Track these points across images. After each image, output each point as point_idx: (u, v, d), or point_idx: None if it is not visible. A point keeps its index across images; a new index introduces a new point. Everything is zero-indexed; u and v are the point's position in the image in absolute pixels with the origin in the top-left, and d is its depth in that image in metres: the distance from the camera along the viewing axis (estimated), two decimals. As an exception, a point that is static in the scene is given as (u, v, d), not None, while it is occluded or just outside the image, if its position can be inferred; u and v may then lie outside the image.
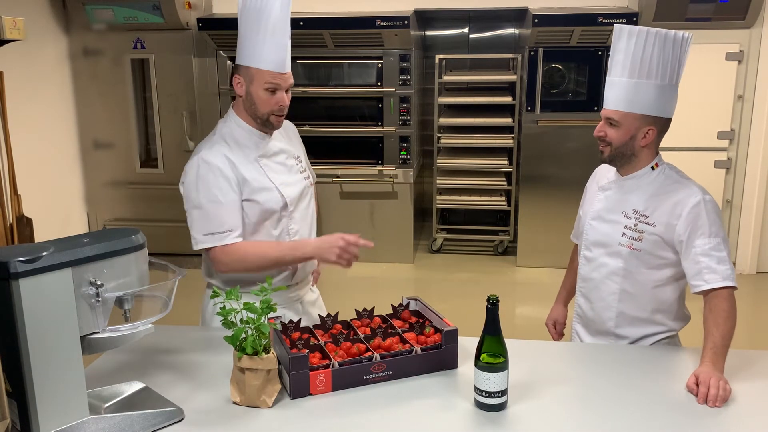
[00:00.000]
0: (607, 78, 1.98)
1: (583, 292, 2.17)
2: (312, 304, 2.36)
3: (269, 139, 2.14)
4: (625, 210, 2.02)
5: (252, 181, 2.06)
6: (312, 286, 2.41)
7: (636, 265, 2.01)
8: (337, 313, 2.00)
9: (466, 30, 6.10)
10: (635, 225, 1.99)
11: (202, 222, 2.03)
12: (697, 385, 1.72)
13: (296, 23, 5.05)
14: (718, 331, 1.82)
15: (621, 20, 4.81)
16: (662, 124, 1.98)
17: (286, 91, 2.07)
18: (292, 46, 2.07)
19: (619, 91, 1.93)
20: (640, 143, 1.96)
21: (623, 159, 2.00)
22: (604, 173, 2.15)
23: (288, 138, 2.26)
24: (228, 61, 5.31)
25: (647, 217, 1.98)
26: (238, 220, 2.04)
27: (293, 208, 2.15)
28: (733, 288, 1.88)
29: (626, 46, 1.92)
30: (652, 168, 2.01)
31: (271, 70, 2.01)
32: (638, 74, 1.91)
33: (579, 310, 2.21)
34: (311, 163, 2.39)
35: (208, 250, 2.05)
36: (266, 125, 2.09)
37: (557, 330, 2.41)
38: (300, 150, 2.30)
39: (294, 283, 2.22)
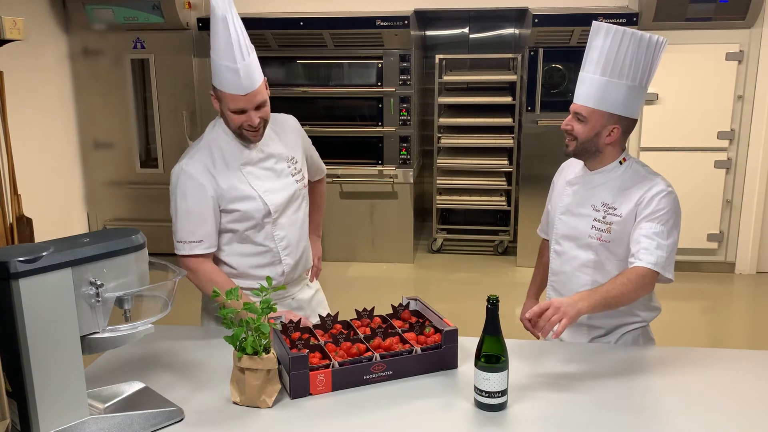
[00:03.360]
0: (580, 73, 2.02)
1: (554, 286, 2.20)
2: (307, 302, 2.35)
3: (255, 146, 2.12)
4: (593, 203, 2.07)
5: (231, 191, 2.07)
6: (309, 282, 2.41)
7: (606, 257, 2.05)
8: (337, 313, 2.00)
9: (466, 30, 6.09)
10: (604, 217, 2.04)
11: (177, 229, 2.07)
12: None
13: (296, 23, 5.08)
14: (610, 286, 1.87)
15: (621, 20, 4.81)
16: (627, 124, 2.02)
17: (258, 108, 2.02)
18: (292, 46, 2.08)
19: (590, 87, 1.97)
20: (604, 141, 2.01)
21: (587, 154, 2.05)
22: (571, 168, 2.19)
23: (280, 138, 2.20)
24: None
25: (615, 209, 2.03)
26: (211, 231, 2.07)
27: (278, 214, 2.14)
28: (658, 274, 1.90)
29: (602, 43, 1.96)
30: (620, 162, 2.06)
31: (232, 93, 1.99)
32: (610, 73, 1.95)
33: None
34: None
35: (179, 257, 2.09)
36: (243, 139, 2.09)
37: (532, 324, 2.42)
38: (296, 149, 2.25)
39: (285, 282, 2.22)
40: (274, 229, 2.14)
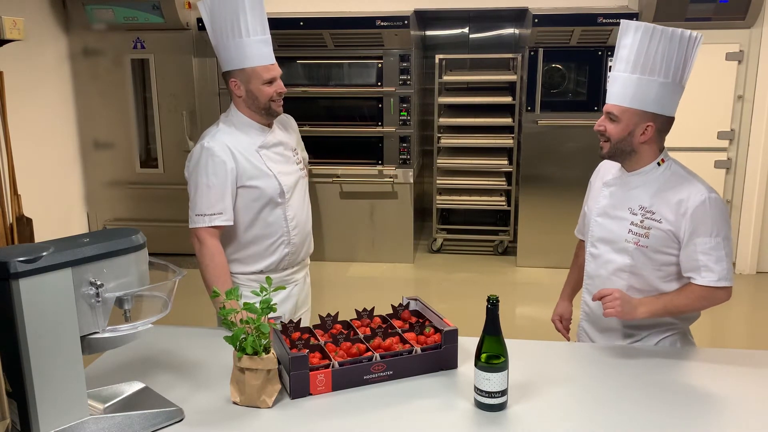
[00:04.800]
0: (611, 73, 1.99)
1: (589, 289, 2.15)
2: (306, 291, 2.47)
3: (269, 132, 2.28)
4: (631, 206, 2.01)
5: (251, 169, 2.20)
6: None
7: (643, 262, 2.00)
8: (337, 313, 2.00)
9: (466, 30, 6.09)
10: (642, 221, 1.99)
11: (196, 203, 2.17)
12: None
13: (296, 23, 5.08)
14: (675, 296, 1.96)
15: (621, 20, 4.80)
16: (662, 122, 1.97)
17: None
18: (292, 46, 2.14)
19: (621, 86, 1.94)
20: (638, 140, 1.96)
21: (623, 155, 2.00)
22: (609, 168, 2.14)
23: (286, 130, 2.40)
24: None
25: (653, 213, 1.97)
26: (229, 205, 2.18)
27: (290, 195, 2.28)
28: (729, 287, 1.93)
29: (631, 41, 1.93)
30: (658, 164, 2.01)
31: (265, 64, 2.20)
32: (640, 70, 1.91)
33: (586, 308, 2.19)
34: (310, 162, 2.47)
35: (193, 228, 2.19)
36: (270, 113, 2.24)
37: (564, 325, 2.40)
38: (297, 142, 2.44)
39: (290, 266, 2.35)
40: (286, 210, 2.27)
